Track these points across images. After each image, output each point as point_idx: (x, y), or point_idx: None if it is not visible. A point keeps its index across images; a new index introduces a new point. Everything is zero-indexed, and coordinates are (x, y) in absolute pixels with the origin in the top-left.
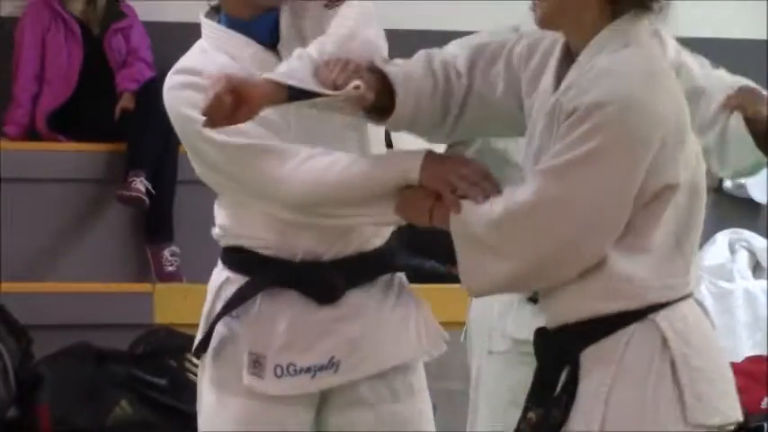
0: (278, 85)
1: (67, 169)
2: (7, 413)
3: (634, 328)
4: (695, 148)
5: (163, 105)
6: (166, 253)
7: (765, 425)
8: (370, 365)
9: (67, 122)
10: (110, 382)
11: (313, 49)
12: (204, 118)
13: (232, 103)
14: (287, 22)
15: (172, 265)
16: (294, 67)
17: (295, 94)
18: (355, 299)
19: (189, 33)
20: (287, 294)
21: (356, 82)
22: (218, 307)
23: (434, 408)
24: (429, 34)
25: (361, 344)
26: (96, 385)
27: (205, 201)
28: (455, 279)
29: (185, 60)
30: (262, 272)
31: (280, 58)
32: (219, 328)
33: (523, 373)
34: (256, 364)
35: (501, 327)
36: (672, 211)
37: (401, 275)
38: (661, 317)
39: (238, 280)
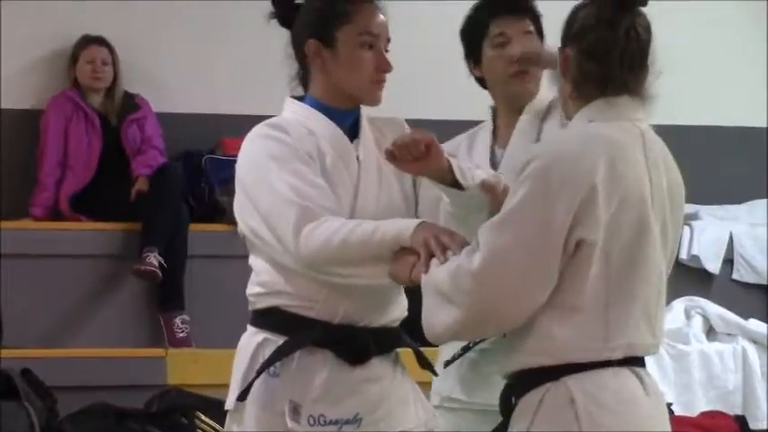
0: (451, 171)
1: (88, 246)
2: None
3: (548, 386)
4: (631, 223)
5: (174, 187)
6: (178, 321)
7: None
8: (385, 426)
9: (88, 204)
10: None
11: (485, 173)
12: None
13: (421, 154)
14: (369, 123)
15: (183, 331)
16: (467, 171)
17: (452, 185)
18: (378, 365)
19: (197, 122)
20: (322, 353)
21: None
22: (258, 364)
23: None
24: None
25: (380, 405)
26: None
27: (213, 274)
28: None
29: (277, 119)
30: (302, 331)
31: (356, 150)
32: (259, 383)
33: (451, 422)
34: (294, 413)
35: (435, 384)
36: (601, 277)
37: (398, 353)
38: (573, 378)
39: (277, 340)
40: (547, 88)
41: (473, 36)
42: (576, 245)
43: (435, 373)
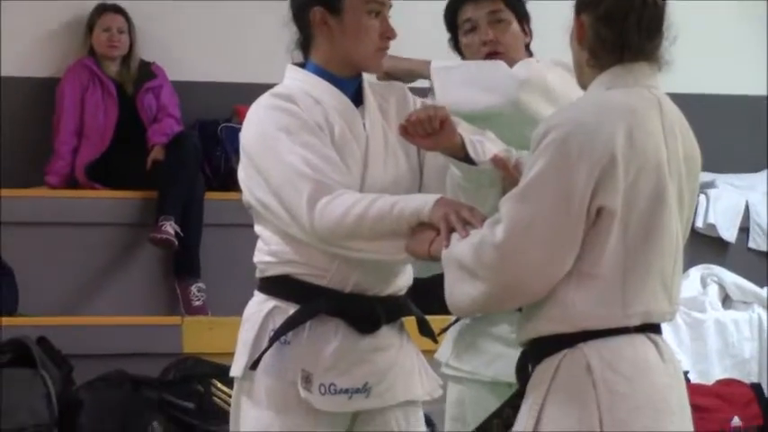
0: (464, 147)
1: (104, 215)
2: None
3: (565, 353)
4: (649, 192)
5: (190, 156)
6: (194, 289)
7: None
8: (391, 396)
9: (103, 172)
10: (143, 406)
11: (497, 147)
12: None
13: (435, 130)
14: (371, 89)
15: (198, 299)
16: (478, 145)
17: (465, 159)
18: (386, 333)
19: (212, 91)
20: (334, 322)
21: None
22: (268, 332)
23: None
24: None
25: (388, 374)
26: (131, 409)
27: (228, 242)
28: None
29: (282, 88)
30: (313, 299)
31: (362, 117)
32: (270, 351)
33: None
34: (306, 381)
35: (450, 353)
36: (619, 245)
37: (403, 321)
38: (589, 345)
39: (287, 308)
40: (547, 67)
41: (450, 24)
42: (597, 212)
43: (436, 341)
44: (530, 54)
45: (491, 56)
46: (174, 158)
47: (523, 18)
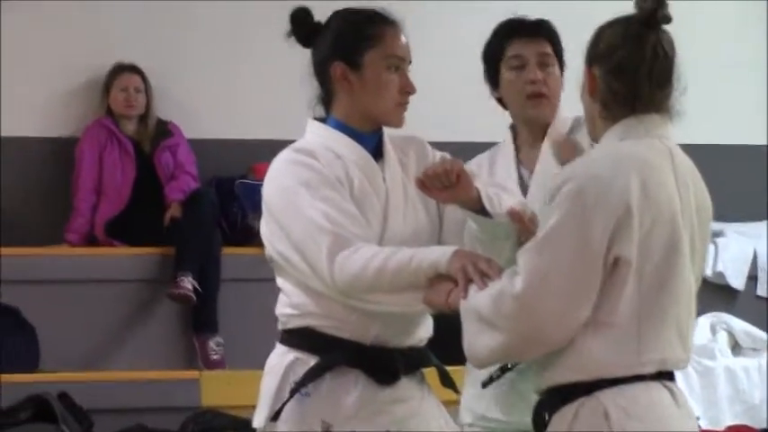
0: (480, 200)
1: (122, 271)
2: None
3: (582, 401)
4: (663, 242)
5: (207, 212)
6: (212, 343)
7: None
8: None
9: (122, 229)
10: None
11: (513, 199)
12: None
13: (452, 183)
14: (391, 143)
15: (216, 354)
16: (494, 198)
17: (481, 212)
18: (406, 384)
19: (228, 148)
20: (354, 373)
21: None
22: (289, 383)
23: None
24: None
25: (409, 423)
26: None
27: (246, 297)
28: None
29: (303, 143)
30: (334, 351)
31: (382, 171)
32: (291, 402)
33: None
34: (327, 430)
35: (469, 404)
36: (635, 294)
37: (423, 372)
38: (605, 393)
39: (308, 359)
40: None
41: (492, 58)
42: (614, 262)
43: (458, 392)
44: None
45: (536, 96)
46: (191, 215)
47: (563, 66)
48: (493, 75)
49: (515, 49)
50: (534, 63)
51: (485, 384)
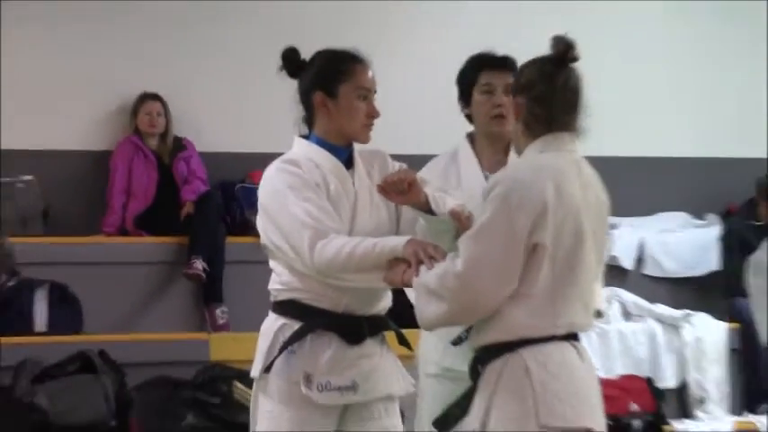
0: (428, 202)
1: (147, 255)
2: (109, 424)
3: (507, 358)
4: (571, 232)
5: (214, 209)
6: (218, 311)
7: (632, 422)
8: (376, 392)
9: (147, 223)
10: (180, 403)
11: (455, 201)
12: None
13: (407, 190)
14: (358, 157)
15: (222, 319)
16: (439, 200)
17: (429, 211)
18: (370, 344)
19: (230, 159)
20: (328, 335)
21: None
22: (279, 343)
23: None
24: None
25: (372, 376)
26: (170, 405)
27: (244, 275)
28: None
29: (290, 155)
30: (313, 318)
31: (352, 177)
32: (279, 358)
33: (447, 388)
34: (307, 381)
35: (434, 358)
36: (549, 273)
37: (384, 334)
38: (527, 351)
39: (293, 324)
40: None
41: (466, 83)
42: (533, 248)
43: (411, 349)
44: None
45: (500, 117)
46: (201, 211)
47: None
48: (466, 96)
49: (486, 78)
50: (501, 90)
51: (455, 343)
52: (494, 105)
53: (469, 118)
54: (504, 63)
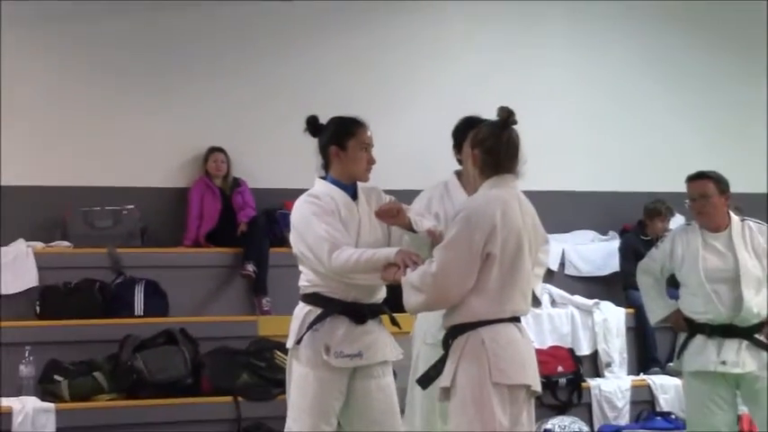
0: (410, 223)
1: (214, 261)
2: (186, 381)
3: (469, 335)
4: (513, 244)
5: (260, 229)
6: (264, 301)
7: (559, 380)
8: (376, 358)
9: (214, 238)
10: (237, 365)
11: (430, 222)
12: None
13: (396, 214)
14: (361, 191)
15: (267, 306)
16: (419, 222)
17: (411, 230)
18: (371, 324)
19: (272, 192)
20: (342, 317)
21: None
22: (307, 324)
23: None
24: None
25: (372, 346)
26: (231, 367)
27: (282, 275)
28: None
29: (313, 191)
30: (330, 306)
31: (357, 206)
32: (307, 334)
33: (439, 354)
34: (327, 350)
35: (432, 331)
36: (498, 273)
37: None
38: (483, 329)
39: (315, 311)
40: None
41: (459, 137)
42: (486, 256)
43: (401, 329)
44: None
45: None
46: (251, 230)
47: None
48: (459, 145)
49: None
50: None
51: (422, 384)
52: None
53: (459, 162)
54: None
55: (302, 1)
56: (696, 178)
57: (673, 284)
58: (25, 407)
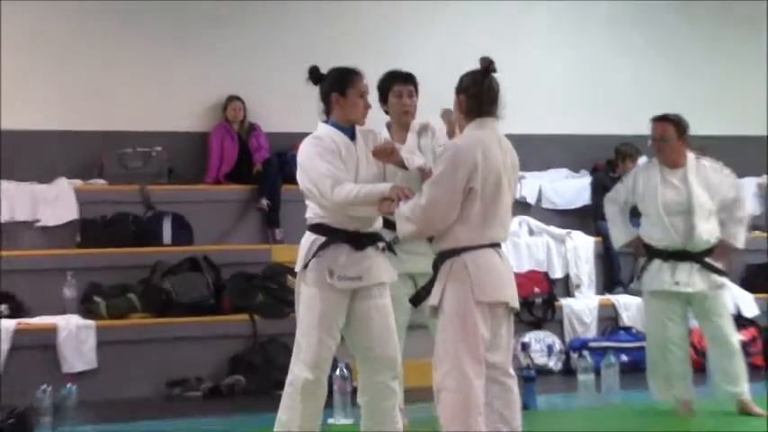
0: (403, 161)
1: (233, 196)
2: (209, 302)
3: (454, 259)
4: (493, 180)
5: (273, 168)
6: (277, 231)
7: (535, 300)
8: (374, 280)
9: (233, 176)
10: (254, 287)
11: (420, 160)
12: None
13: (390, 153)
14: (359, 133)
15: (279, 236)
16: (410, 160)
17: (403, 167)
18: (369, 250)
19: (283, 136)
20: (343, 245)
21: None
22: (313, 251)
23: None
24: None
25: (370, 269)
26: (248, 288)
27: (292, 208)
28: None
29: (317, 133)
30: (333, 234)
31: (355, 146)
32: (313, 260)
33: None
34: (330, 274)
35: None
36: (480, 205)
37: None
38: (466, 255)
39: (320, 239)
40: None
41: (383, 90)
42: (469, 191)
43: (395, 254)
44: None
45: (405, 113)
46: (266, 169)
47: (417, 92)
48: (384, 98)
49: (397, 86)
50: (406, 95)
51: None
52: (402, 105)
53: (386, 112)
54: (408, 77)
55: None
56: (659, 120)
57: (634, 215)
58: (69, 324)
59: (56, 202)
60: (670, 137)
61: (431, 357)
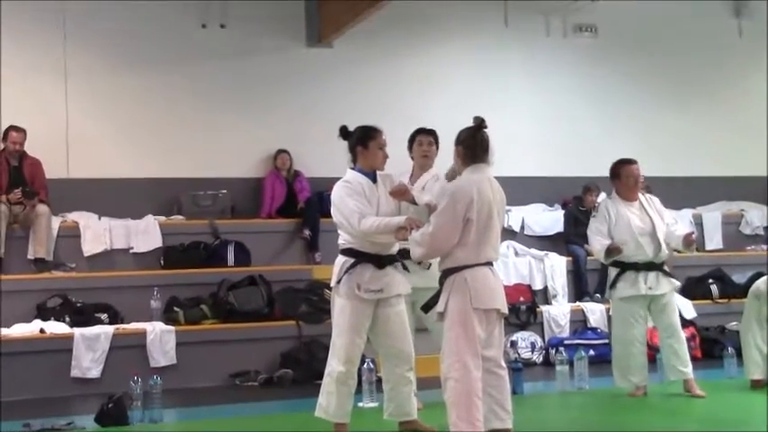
0: (414, 199)
1: (283, 228)
2: (263, 311)
3: (456, 275)
4: (485, 212)
5: (314, 206)
6: (316, 255)
7: (521, 307)
8: (392, 292)
9: (282, 212)
10: (298, 299)
11: (427, 197)
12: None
13: (404, 193)
14: (379, 177)
15: (318, 258)
16: (419, 197)
17: (414, 203)
18: (388, 268)
19: (321, 180)
20: (369, 265)
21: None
22: (344, 269)
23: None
24: None
25: (390, 284)
26: (294, 300)
27: (328, 237)
28: None
29: (345, 178)
30: (360, 257)
31: (376, 188)
32: (344, 276)
33: None
34: (358, 287)
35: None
36: (475, 232)
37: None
38: (466, 271)
39: (349, 260)
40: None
41: (411, 141)
42: (467, 221)
43: (409, 271)
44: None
45: (425, 157)
46: (308, 206)
47: (437, 147)
48: (411, 146)
49: (420, 138)
50: (426, 143)
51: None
52: (423, 152)
53: (412, 158)
54: (429, 132)
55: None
56: (635, 163)
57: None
58: (155, 329)
59: (145, 234)
60: (638, 176)
61: (436, 353)
